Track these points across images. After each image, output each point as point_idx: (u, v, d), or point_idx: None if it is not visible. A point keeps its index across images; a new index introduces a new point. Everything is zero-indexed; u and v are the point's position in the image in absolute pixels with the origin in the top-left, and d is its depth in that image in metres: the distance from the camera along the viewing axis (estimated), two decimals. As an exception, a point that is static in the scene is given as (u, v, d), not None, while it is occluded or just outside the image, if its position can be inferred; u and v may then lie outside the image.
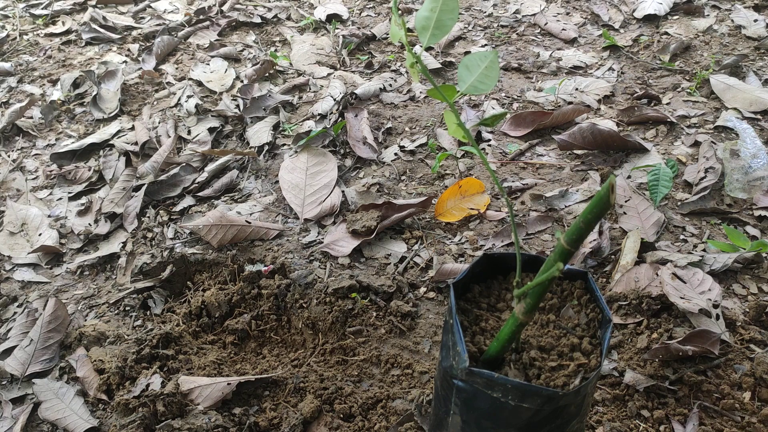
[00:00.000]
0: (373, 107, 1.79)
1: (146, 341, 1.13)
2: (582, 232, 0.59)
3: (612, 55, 1.95)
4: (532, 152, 1.58)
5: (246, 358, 1.15)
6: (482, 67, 0.64)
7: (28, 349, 1.15)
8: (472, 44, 2.08)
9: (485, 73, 0.64)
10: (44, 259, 1.39)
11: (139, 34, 2.31)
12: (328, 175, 1.51)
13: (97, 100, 1.90)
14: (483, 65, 0.64)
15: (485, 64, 0.64)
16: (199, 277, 1.29)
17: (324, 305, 1.18)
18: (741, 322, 1.09)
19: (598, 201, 0.57)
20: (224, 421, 0.99)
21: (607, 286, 1.18)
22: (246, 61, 2.11)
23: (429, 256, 1.28)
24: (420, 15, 0.63)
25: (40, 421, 1.05)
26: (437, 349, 1.11)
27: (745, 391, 0.98)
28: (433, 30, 0.62)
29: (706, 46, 1.93)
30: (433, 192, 1.46)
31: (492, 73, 0.64)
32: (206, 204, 1.50)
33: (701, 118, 1.62)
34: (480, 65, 0.64)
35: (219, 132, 1.75)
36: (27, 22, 2.46)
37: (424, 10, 0.63)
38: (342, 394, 1.03)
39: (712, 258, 1.19)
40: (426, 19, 0.62)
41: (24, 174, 1.67)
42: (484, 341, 0.75)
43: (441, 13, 0.62)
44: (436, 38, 0.63)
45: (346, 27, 2.25)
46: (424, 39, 0.62)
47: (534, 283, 0.63)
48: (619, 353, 1.06)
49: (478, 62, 0.64)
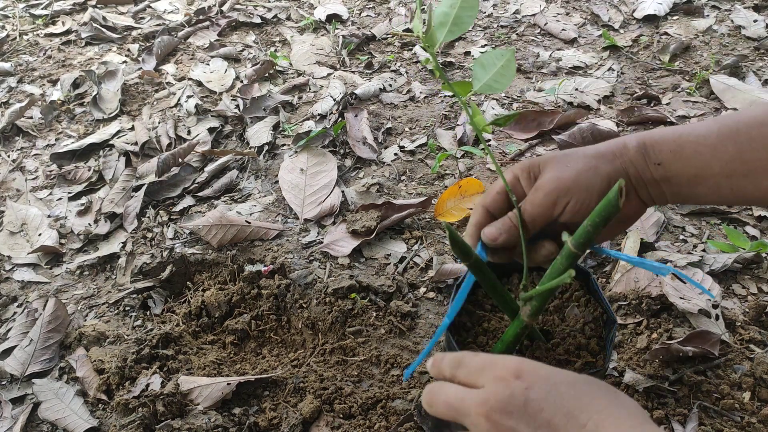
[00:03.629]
0: (373, 107, 1.79)
1: (146, 341, 1.13)
2: (590, 235, 0.59)
3: (612, 56, 1.95)
4: (532, 152, 1.58)
5: (246, 358, 1.15)
6: (498, 65, 0.63)
7: (27, 349, 1.15)
8: (471, 44, 2.08)
9: (501, 72, 0.63)
10: (44, 259, 1.39)
11: (139, 34, 2.31)
12: (328, 175, 1.51)
13: (97, 100, 1.90)
14: (499, 64, 0.63)
15: (501, 62, 0.63)
16: (199, 277, 1.29)
17: (324, 305, 1.18)
18: (741, 323, 1.09)
19: (607, 204, 0.56)
20: (224, 421, 0.99)
21: (606, 286, 1.18)
22: (246, 61, 2.11)
23: (429, 256, 1.28)
24: (439, 10, 0.62)
25: (39, 421, 1.05)
26: (437, 349, 1.11)
27: (744, 391, 0.98)
28: (450, 26, 0.61)
29: (705, 47, 1.93)
30: (433, 192, 1.46)
31: (508, 72, 0.63)
32: (206, 204, 1.50)
33: (701, 119, 1.63)
34: (496, 63, 0.63)
35: (219, 132, 1.75)
36: (27, 22, 2.46)
37: (444, 5, 0.62)
38: (342, 394, 1.04)
39: (712, 258, 1.19)
40: (445, 15, 0.61)
41: (24, 174, 1.67)
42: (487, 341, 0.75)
43: (461, 9, 0.61)
44: (453, 35, 0.61)
45: (346, 27, 2.25)
46: (441, 35, 0.61)
47: (542, 289, 0.63)
48: (618, 353, 1.06)
49: (495, 60, 0.64)
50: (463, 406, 0.52)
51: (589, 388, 0.51)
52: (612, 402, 0.50)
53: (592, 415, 0.48)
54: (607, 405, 0.50)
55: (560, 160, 0.67)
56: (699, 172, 0.65)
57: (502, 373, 0.52)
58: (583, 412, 0.49)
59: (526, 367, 0.52)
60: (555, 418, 0.49)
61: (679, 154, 0.66)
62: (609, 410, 0.49)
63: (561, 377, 0.52)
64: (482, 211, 0.72)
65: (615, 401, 0.51)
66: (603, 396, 0.51)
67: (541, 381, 0.51)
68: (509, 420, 0.49)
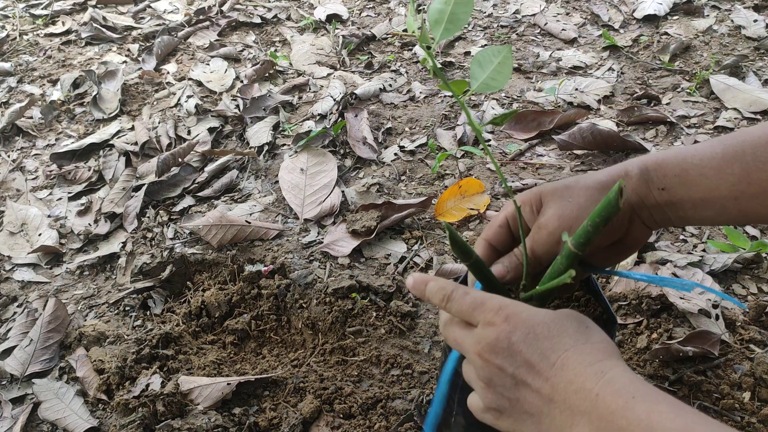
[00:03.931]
0: (373, 107, 1.79)
1: (146, 341, 1.13)
2: (590, 235, 0.59)
3: (612, 56, 1.95)
4: (531, 152, 1.58)
5: (246, 358, 1.15)
6: (495, 63, 0.62)
7: (27, 349, 1.15)
8: (471, 44, 2.08)
9: (498, 70, 0.62)
10: (44, 259, 1.39)
11: (139, 34, 2.31)
12: (328, 175, 1.51)
13: (97, 100, 1.90)
14: (496, 61, 0.62)
15: (498, 59, 0.62)
16: (199, 277, 1.29)
17: (324, 305, 1.18)
18: (741, 323, 1.09)
19: (607, 204, 0.56)
20: (224, 421, 0.99)
21: (606, 286, 1.18)
22: (246, 61, 2.11)
23: (429, 256, 1.29)
24: (433, 8, 0.61)
25: (39, 421, 1.05)
26: (437, 349, 1.11)
27: (745, 391, 0.98)
28: (446, 24, 0.60)
29: (706, 47, 1.93)
30: (433, 192, 1.46)
31: (505, 69, 0.62)
32: (206, 204, 1.50)
33: (701, 119, 1.63)
34: (493, 61, 0.62)
35: (219, 132, 1.75)
36: (27, 22, 2.46)
37: (438, 2, 0.61)
38: (342, 394, 1.04)
39: (712, 258, 1.19)
40: (439, 12, 0.60)
41: (24, 174, 1.67)
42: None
43: (455, 6, 0.60)
44: (449, 32, 0.60)
45: (346, 27, 2.25)
46: (437, 33, 0.60)
47: (543, 289, 0.63)
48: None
49: (491, 58, 0.62)
50: (463, 344, 0.61)
51: (561, 327, 0.56)
52: (579, 339, 0.55)
53: (560, 354, 0.54)
54: (574, 343, 0.54)
55: (562, 194, 0.67)
56: (705, 196, 0.64)
57: (490, 317, 0.58)
58: (554, 352, 0.54)
59: (510, 310, 0.57)
60: (532, 358, 0.55)
61: (684, 178, 0.65)
62: (576, 347, 0.54)
63: (539, 318, 0.57)
64: (485, 246, 0.72)
65: (582, 337, 0.55)
66: (572, 333, 0.55)
67: (521, 324, 0.56)
68: (497, 359, 0.56)
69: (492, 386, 0.57)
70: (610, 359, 0.53)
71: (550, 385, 0.53)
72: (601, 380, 0.51)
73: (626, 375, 0.51)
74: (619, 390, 0.50)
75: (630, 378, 0.51)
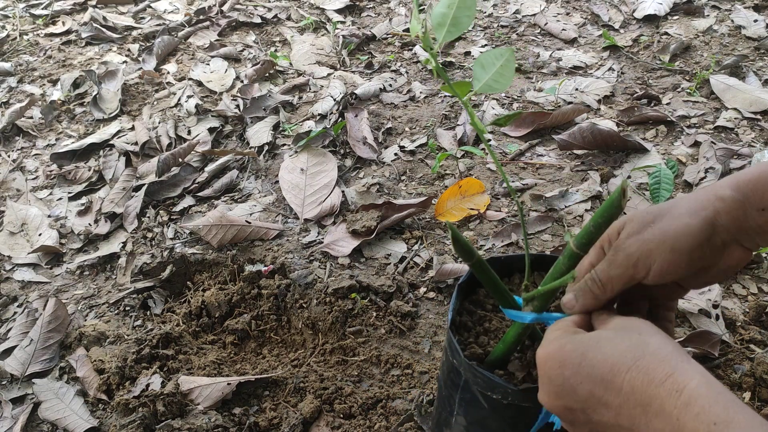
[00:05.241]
0: (373, 107, 1.79)
1: (146, 341, 1.13)
2: (592, 235, 0.59)
3: (612, 55, 1.95)
4: (532, 152, 1.58)
5: (246, 358, 1.15)
6: (497, 65, 0.63)
7: (28, 349, 1.15)
8: (472, 44, 2.08)
9: (500, 72, 0.63)
10: (44, 259, 1.39)
11: (139, 34, 2.31)
12: (328, 175, 1.51)
13: (97, 100, 1.90)
14: (498, 63, 0.63)
15: (501, 62, 0.63)
16: (199, 277, 1.29)
17: (324, 305, 1.18)
18: (741, 323, 1.09)
19: (609, 205, 0.56)
20: (224, 421, 0.99)
21: (607, 287, 1.18)
22: (246, 61, 2.11)
23: (429, 256, 1.28)
24: (437, 11, 0.62)
25: (40, 421, 1.05)
26: (437, 349, 1.11)
27: (745, 391, 0.98)
28: (449, 27, 0.61)
29: (706, 47, 1.93)
30: (433, 192, 1.46)
31: (507, 71, 0.62)
32: (206, 204, 1.50)
33: (701, 119, 1.63)
34: (495, 63, 0.63)
35: (219, 132, 1.75)
36: (27, 22, 2.46)
37: (442, 6, 0.61)
38: (342, 394, 1.04)
39: (712, 258, 1.19)
40: (443, 15, 0.61)
41: (24, 174, 1.67)
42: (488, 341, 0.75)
43: (458, 9, 0.60)
44: (451, 35, 0.61)
45: (346, 27, 2.25)
46: (440, 35, 0.61)
47: (544, 290, 0.63)
48: (619, 353, 1.06)
49: (494, 60, 0.63)
50: (542, 402, 0.59)
51: (614, 346, 0.53)
52: (637, 353, 0.52)
53: (623, 376, 0.51)
54: (634, 361, 0.51)
55: (643, 219, 0.63)
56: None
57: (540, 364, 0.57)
58: (616, 375, 0.51)
59: (552, 348, 0.56)
60: (595, 389, 0.52)
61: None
62: (637, 365, 0.51)
63: (586, 344, 0.54)
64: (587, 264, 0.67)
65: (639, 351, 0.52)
66: (627, 349, 0.52)
67: (568, 356, 0.54)
68: (559, 401, 0.55)
69: (574, 426, 0.56)
70: (676, 368, 0.50)
71: (626, 416, 0.51)
72: (678, 401, 0.48)
73: (702, 389, 0.48)
74: (699, 415, 0.47)
75: (707, 392, 0.47)
